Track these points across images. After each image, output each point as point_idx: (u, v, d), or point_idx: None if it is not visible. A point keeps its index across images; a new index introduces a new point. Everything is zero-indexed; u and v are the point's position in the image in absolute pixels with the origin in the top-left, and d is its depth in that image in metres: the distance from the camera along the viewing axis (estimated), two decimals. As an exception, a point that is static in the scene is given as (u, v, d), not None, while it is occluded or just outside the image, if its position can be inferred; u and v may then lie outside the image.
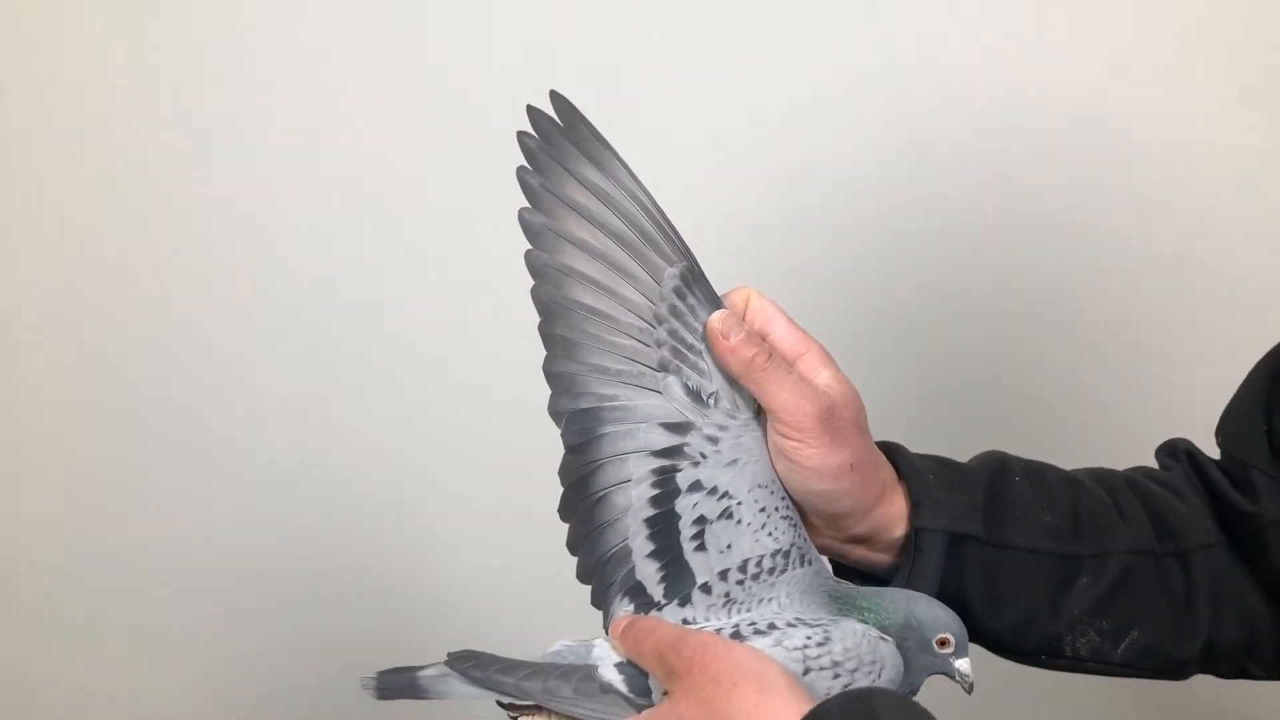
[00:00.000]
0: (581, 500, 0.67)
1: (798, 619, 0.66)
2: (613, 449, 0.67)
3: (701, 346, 0.67)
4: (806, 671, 0.63)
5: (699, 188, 1.25)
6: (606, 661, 0.67)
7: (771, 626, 0.65)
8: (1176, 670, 0.77)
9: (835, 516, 0.70)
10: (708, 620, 0.67)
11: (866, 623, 0.66)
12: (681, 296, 0.66)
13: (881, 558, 0.73)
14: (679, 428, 0.67)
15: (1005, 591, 0.72)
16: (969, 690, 0.68)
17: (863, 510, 0.70)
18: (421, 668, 0.68)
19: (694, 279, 0.67)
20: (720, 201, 1.27)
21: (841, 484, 0.68)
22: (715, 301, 0.67)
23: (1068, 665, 0.75)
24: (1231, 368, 0.82)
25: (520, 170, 0.65)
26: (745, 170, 1.29)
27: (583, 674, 0.66)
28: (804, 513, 0.70)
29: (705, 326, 0.66)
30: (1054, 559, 0.73)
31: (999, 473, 0.75)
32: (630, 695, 0.66)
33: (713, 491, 0.67)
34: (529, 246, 0.66)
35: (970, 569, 0.72)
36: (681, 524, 0.67)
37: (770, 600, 0.67)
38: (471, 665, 0.67)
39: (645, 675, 0.66)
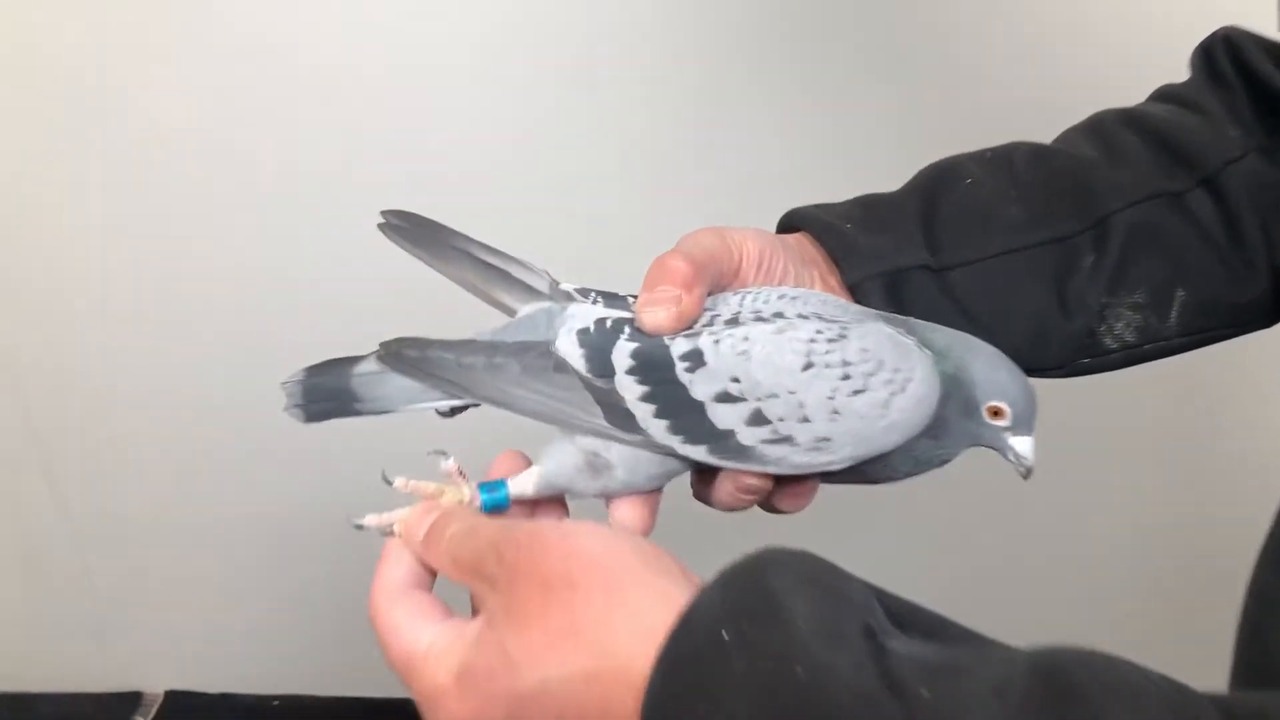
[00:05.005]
0: None
1: (814, 314, 0.56)
2: None
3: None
4: (808, 366, 0.53)
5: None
6: (571, 327, 0.56)
7: (778, 315, 0.56)
8: (1252, 318, 0.66)
9: None
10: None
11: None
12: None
13: None
14: None
15: (993, 309, 0.64)
16: (1025, 475, 0.57)
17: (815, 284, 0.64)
18: (356, 360, 0.57)
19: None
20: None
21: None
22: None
23: (1120, 359, 0.65)
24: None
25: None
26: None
27: (537, 350, 0.56)
28: None
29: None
30: (1039, 249, 0.64)
31: (938, 184, 0.67)
32: (588, 376, 0.55)
33: None
34: None
35: (931, 302, 0.63)
36: None
37: (793, 299, 0.57)
38: (406, 345, 0.56)
39: (610, 353, 0.55)
